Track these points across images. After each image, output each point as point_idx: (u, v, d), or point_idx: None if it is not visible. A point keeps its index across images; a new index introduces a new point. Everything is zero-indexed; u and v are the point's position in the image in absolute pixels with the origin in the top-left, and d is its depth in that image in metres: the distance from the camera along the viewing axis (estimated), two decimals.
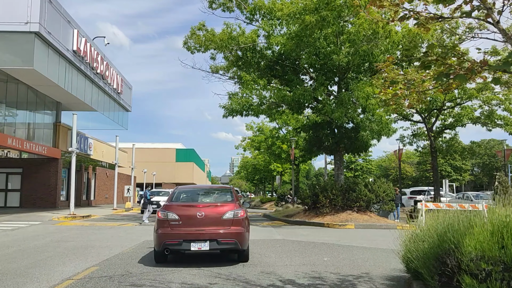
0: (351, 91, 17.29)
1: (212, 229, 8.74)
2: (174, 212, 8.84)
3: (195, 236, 8.66)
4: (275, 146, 36.54)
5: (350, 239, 13.88)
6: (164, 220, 8.84)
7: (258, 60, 21.67)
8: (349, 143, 20.35)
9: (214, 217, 8.86)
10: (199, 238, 8.65)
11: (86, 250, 11.07)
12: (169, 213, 8.85)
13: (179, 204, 9.36)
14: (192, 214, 8.82)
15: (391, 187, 19.68)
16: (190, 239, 8.64)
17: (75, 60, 23.49)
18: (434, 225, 6.77)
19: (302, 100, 19.33)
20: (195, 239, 8.64)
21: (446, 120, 27.69)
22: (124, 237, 14.24)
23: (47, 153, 28.06)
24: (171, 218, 8.78)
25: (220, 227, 8.78)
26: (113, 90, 30.89)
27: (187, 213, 8.90)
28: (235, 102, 18.78)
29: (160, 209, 9.23)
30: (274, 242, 12.88)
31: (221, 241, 8.68)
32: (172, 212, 8.85)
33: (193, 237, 8.65)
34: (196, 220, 8.75)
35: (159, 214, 9.03)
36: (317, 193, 19.48)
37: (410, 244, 6.82)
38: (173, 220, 8.77)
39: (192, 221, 8.75)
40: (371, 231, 16.49)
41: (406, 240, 7.25)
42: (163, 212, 8.94)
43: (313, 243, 12.78)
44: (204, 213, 8.81)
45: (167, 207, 9.10)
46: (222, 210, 9.02)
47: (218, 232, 8.72)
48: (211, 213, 8.90)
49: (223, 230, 8.76)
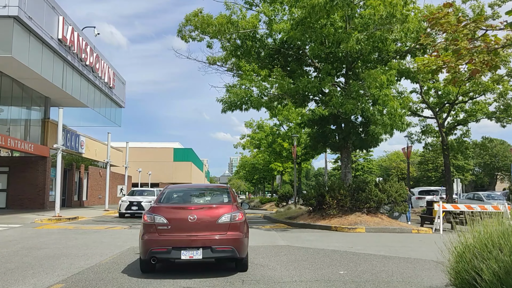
0: (362, 81, 15.62)
1: (206, 235, 7.57)
2: (162, 215, 7.67)
3: (186, 243, 7.50)
4: (276, 143, 34.82)
5: (364, 245, 12.24)
6: (151, 225, 7.64)
7: (258, 50, 20.04)
8: (357, 138, 18.71)
9: (208, 221, 7.68)
10: (191, 245, 7.49)
11: (57, 260, 9.40)
12: (156, 216, 7.66)
13: (168, 206, 8.09)
14: (183, 218, 7.62)
15: (403, 186, 18.02)
16: (180, 246, 7.48)
17: (60, 50, 21.75)
18: (496, 233, 5.11)
19: (307, 92, 17.70)
20: (186, 246, 7.48)
21: (458, 116, 26.06)
22: (107, 243, 12.57)
23: (34, 151, 26.37)
24: (159, 222, 7.60)
25: (215, 233, 7.62)
26: (105, 84, 29.17)
27: (177, 216, 7.70)
28: (234, 95, 17.07)
29: (146, 211, 8.04)
30: (278, 250, 11.23)
31: (216, 248, 7.52)
32: (160, 215, 7.67)
33: (183, 244, 7.49)
34: (187, 224, 7.57)
35: (145, 217, 7.82)
36: (323, 193, 17.84)
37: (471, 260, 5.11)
38: (161, 224, 7.58)
39: (183, 226, 7.58)
40: (385, 236, 14.84)
41: (458, 252, 5.53)
42: (150, 215, 7.75)
43: (323, 250, 11.13)
44: (197, 216, 7.62)
45: (154, 210, 7.90)
46: (218, 213, 7.81)
47: (213, 238, 7.56)
48: (204, 217, 7.71)
49: (218, 236, 7.60)
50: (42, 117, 28.40)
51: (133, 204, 23.62)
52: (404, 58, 18.96)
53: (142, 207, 23.61)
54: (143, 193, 25.99)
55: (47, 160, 28.43)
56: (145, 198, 24.38)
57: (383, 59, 18.25)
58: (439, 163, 78.82)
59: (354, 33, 15.71)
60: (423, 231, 16.22)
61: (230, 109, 17.46)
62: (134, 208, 23.36)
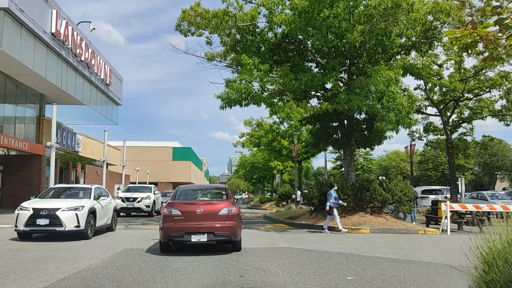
0: (369, 76, 14.96)
1: (210, 223, 10.00)
2: (177, 209, 10.15)
3: (195, 229, 9.94)
4: (276, 141, 34.08)
5: (370, 247, 11.61)
6: (169, 216, 10.11)
7: (258, 45, 19.38)
8: (361, 135, 18.08)
9: (211, 213, 10.13)
10: (199, 231, 9.94)
11: (43, 264, 8.77)
12: (172, 210, 10.14)
13: (181, 202, 10.53)
14: (193, 211, 10.10)
15: (408, 185, 17.37)
16: (190, 232, 9.92)
17: (54, 45, 21.05)
18: None
19: (308, 89, 17.06)
20: (195, 232, 9.93)
21: (462, 113, 25.41)
22: (100, 244, 11.94)
23: (29, 149, 25.67)
24: (175, 214, 10.08)
25: (216, 222, 10.04)
26: (101, 81, 28.47)
27: (188, 209, 10.16)
28: (233, 90, 16.36)
29: (165, 206, 10.44)
30: (279, 252, 10.59)
31: (217, 233, 9.99)
32: (176, 209, 10.15)
33: (193, 230, 9.94)
34: (196, 215, 10.03)
35: (164, 210, 10.27)
36: (326, 192, 17.17)
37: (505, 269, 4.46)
38: (176, 215, 10.06)
39: (192, 217, 10.02)
40: (390, 237, 14.21)
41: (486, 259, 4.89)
42: (168, 209, 10.21)
43: (327, 253, 10.50)
44: (203, 209, 10.14)
45: (171, 205, 10.34)
46: (218, 207, 10.29)
47: (215, 226, 10.01)
48: (208, 210, 10.19)
49: (219, 224, 10.04)
50: (37, 115, 27.73)
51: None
52: (409, 53, 18.33)
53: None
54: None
55: (42, 159, 27.73)
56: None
57: (387, 54, 17.61)
58: (439, 162, 78.21)
59: (358, 26, 15.07)
60: (430, 231, 15.59)
61: (229, 105, 16.79)
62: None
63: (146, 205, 23.65)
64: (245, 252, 10.49)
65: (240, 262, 9.03)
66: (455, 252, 10.68)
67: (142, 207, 23.54)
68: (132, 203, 23.44)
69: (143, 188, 26.12)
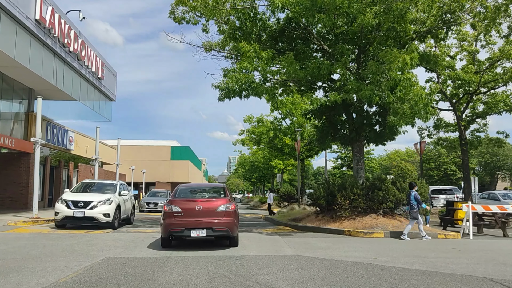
0: (382, 62, 13.44)
1: (208, 220, 10.41)
2: (178, 206, 10.56)
3: (194, 225, 10.35)
4: (277, 139, 32.47)
5: (390, 255, 10.10)
6: (170, 212, 10.52)
7: (259, 32, 17.88)
8: (372, 130, 16.59)
9: (209, 209, 10.54)
10: (198, 227, 10.35)
11: (3, 278, 7.25)
12: (173, 207, 10.56)
13: (181, 199, 10.97)
14: (192, 207, 10.52)
15: (424, 185, 15.85)
16: (190, 227, 10.33)
17: (38, 32, 19.47)
18: None
19: (314, 79, 15.57)
20: (195, 227, 10.34)
21: (476, 108, 23.89)
22: (79, 251, 10.41)
23: (16, 146, 24.14)
24: (175, 211, 10.49)
25: (215, 218, 10.47)
26: (92, 74, 26.90)
27: (188, 206, 10.57)
28: (233, 80, 14.80)
29: (166, 203, 10.89)
30: (286, 261, 9.08)
31: (215, 229, 10.40)
32: (176, 206, 10.57)
33: (192, 226, 10.34)
34: (195, 212, 10.45)
35: (165, 207, 10.70)
36: (334, 192, 15.69)
37: None
38: (177, 212, 10.48)
39: (192, 213, 10.44)
40: (409, 242, 12.70)
41: None
42: (169, 206, 10.64)
43: (342, 262, 8.99)
44: (202, 206, 10.56)
45: (171, 202, 10.77)
46: (216, 204, 10.70)
47: (213, 221, 10.42)
48: (207, 207, 10.58)
49: (217, 220, 10.46)
50: (25, 110, 26.24)
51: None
52: (424, 40, 16.79)
53: None
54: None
55: (31, 157, 26.17)
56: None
57: (400, 42, 16.08)
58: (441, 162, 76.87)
59: (372, 7, 13.56)
60: (451, 236, 14.07)
61: (228, 97, 15.27)
62: None
63: (105, 213, 15.57)
64: (246, 261, 8.99)
65: (240, 275, 7.53)
66: (490, 262, 9.22)
67: (98, 217, 15.47)
68: (82, 210, 15.43)
69: (104, 186, 17.78)
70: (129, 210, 18.09)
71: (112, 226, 15.63)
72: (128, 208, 17.81)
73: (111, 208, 15.65)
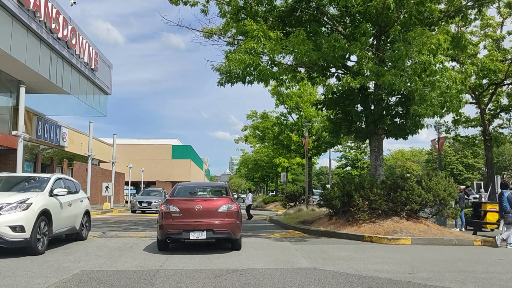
0: (408, 42, 11.55)
1: (209, 221, 9.67)
2: (175, 206, 9.84)
3: (193, 226, 9.61)
4: (283, 134, 30.46)
5: (429, 269, 8.22)
6: (167, 213, 9.77)
7: (265, 14, 16.07)
8: (392, 123, 14.71)
9: (210, 210, 9.81)
10: (197, 228, 9.60)
11: None
12: (170, 207, 9.82)
13: (180, 199, 10.26)
14: (191, 207, 9.79)
15: (453, 184, 13.95)
16: (189, 229, 9.60)
17: (21, 15, 17.65)
18: None
19: (328, 63, 13.70)
20: (194, 229, 9.60)
21: (499, 101, 21.98)
22: (53, 262, 8.59)
23: (2, 142, 22.45)
24: (173, 211, 9.76)
25: (216, 219, 9.74)
26: (85, 64, 25.07)
27: (187, 206, 9.86)
28: (235, 62, 12.88)
29: (163, 203, 10.15)
30: (302, 278, 7.21)
31: (216, 231, 9.66)
32: (174, 205, 9.84)
33: (191, 227, 9.61)
34: (194, 212, 9.72)
35: (162, 207, 9.97)
36: (350, 192, 13.82)
37: None
38: (174, 212, 9.75)
39: (191, 213, 9.71)
40: (443, 251, 10.81)
41: None
42: (166, 205, 9.89)
43: (373, 280, 7.13)
44: (202, 206, 9.81)
45: (169, 201, 10.03)
46: (218, 203, 9.98)
47: (214, 223, 9.67)
48: (207, 206, 9.86)
49: (218, 221, 9.72)
50: (13, 104, 24.50)
51: None
52: (452, 20, 14.88)
53: None
54: None
55: None
56: None
57: (425, 22, 14.19)
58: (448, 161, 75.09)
59: None
60: (489, 242, 12.17)
61: (230, 82, 13.38)
62: None
63: (13, 225, 8.92)
64: (253, 277, 7.16)
65: None
66: None
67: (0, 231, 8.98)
68: None
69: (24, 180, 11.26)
70: (77, 220, 11.49)
71: (30, 247, 9.11)
72: (72, 215, 11.16)
73: (26, 216, 9.04)
